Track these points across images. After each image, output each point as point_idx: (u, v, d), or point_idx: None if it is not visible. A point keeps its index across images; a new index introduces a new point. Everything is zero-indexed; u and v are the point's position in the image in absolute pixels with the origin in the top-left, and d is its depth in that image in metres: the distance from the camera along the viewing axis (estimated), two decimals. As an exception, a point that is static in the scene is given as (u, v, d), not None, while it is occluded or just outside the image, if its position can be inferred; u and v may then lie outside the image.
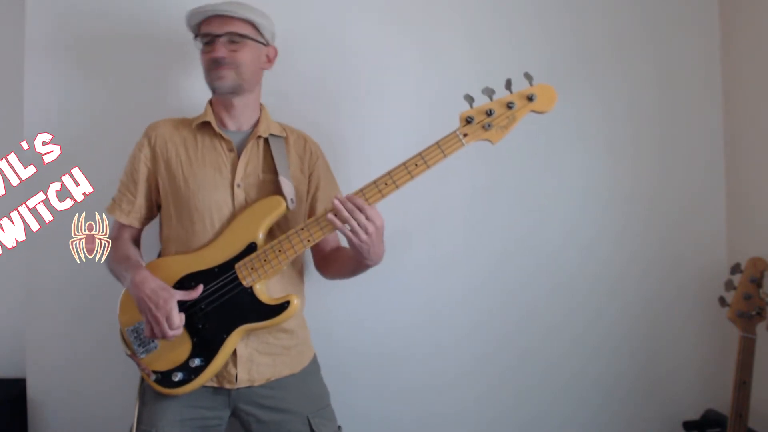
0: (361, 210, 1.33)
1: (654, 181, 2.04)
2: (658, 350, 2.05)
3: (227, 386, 1.47)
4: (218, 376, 1.46)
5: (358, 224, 1.33)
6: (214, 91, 1.50)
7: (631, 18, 2.03)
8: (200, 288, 1.42)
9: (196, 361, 1.42)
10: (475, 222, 1.99)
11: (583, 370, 2.02)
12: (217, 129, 1.50)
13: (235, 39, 1.46)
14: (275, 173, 1.49)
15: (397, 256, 1.45)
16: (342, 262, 1.53)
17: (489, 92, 1.38)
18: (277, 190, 1.47)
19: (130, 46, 1.87)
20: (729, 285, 1.79)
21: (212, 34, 1.46)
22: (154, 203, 1.56)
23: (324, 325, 1.72)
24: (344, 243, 1.50)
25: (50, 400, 1.88)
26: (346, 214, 1.33)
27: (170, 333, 1.37)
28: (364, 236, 1.33)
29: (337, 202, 1.34)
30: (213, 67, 1.46)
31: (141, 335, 1.46)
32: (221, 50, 1.44)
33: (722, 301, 1.79)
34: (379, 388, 1.96)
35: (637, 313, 2.04)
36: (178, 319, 1.37)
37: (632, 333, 2.04)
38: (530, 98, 1.37)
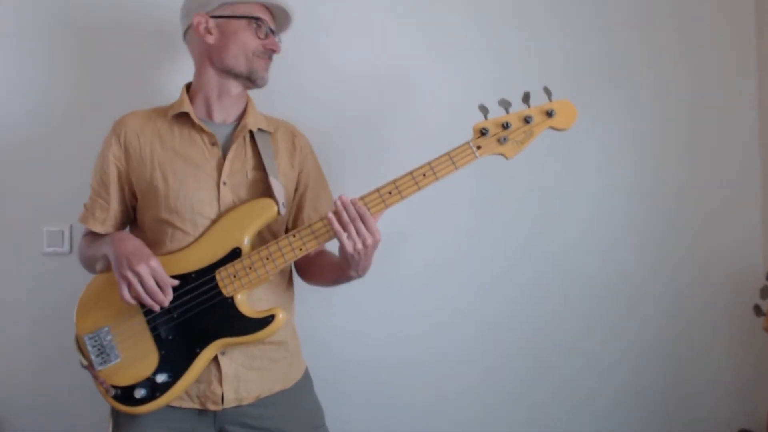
0: (363, 219, 1.26)
1: (682, 179, 1.90)
2: (686, 365, 1.94)
3: (212, 408, 1.34)
4: (200, 396, 1.34)
5: (357, 233, 1.25)
6: (253, 81, 1.41)
7: (658, 5, 1.91)
8: (176, 281, 1.29)
9: (163, 377, 1.29)
10: (484, 224, 1.87)
11: (602, 387, 1.92)
12: (197, 121, 1.37)
13: (278, 40, 1.45)
14: (264, 172, 1.38)
15: (398, 261, 1.39)
16: (324, 268, 1.44)
17: (505, 104, 1.32)
18: (267, 191, 1.36)
19: (107, 34, 1.76)
20: (765, 292, 1.66)
21: (270, 28, 1.42)
22: (129, 206, 1.43)
23: (316, 335, 1.64)
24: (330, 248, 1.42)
25: (12, 415, 1.75)
26: (346, 218, 1.26)
27: (149, 300, 1.24)
28: (359, 246, 1.26)
29: (339, 203, 1.26)
30: (264, 56, 1.41)
31: (101, 343, 1.32)
32: (279, 46, 1.43)
33: (757, 309, 1.66)
34: (377, 406, 1.85)
35: (663, 324, 1.93)
36: (167, 276, 1.26)
37: (657, 346, 1.92)
38: (549, 114, 1.32)
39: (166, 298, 1.26)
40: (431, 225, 1.81)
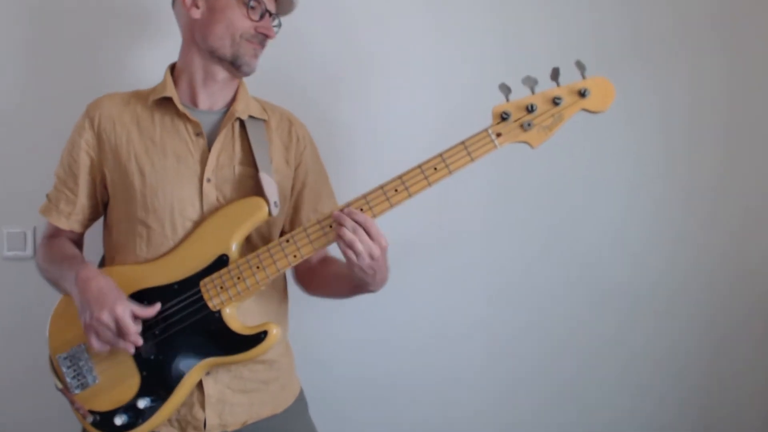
0: (364, 228, 1.11)
1: (718, 174, 1.77)
2: (724, 379, 1.81)
3: None
4: (181, 420, 1.22)
5: (363, 245, 1.11)
6: (238, 68, 1.24)
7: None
8: (157, 306, 1.17)
9: (145, 401, 1.18)
10: (497, 225, 1.73)
11: (631, 405, 1.79)
12: (180, 107, 1.24)
13: (277, 25, 1.30)
14: (254, 167, 1.25)
15: (402, 268, 1.27)
16: (335, 281, 1.30)
17: (531, 82, 1.14)
18: (257, 189, 1.23)
19: (73, 11, 1.62)
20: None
21: (267, 10, 1.25)
22: (99, 201, 1.31)
23: (312, 350, 1.55)
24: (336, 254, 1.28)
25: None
26: (351, 236, 1.10)
27: (124, 343, 1.13)
28: (367, 261, 1.11)
29: (340, 216, 1.12)
30: (254, 39, 1.24)
31: (78, 363, 1.21)
32: (273, 31, 1.27)
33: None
34: (378, 427, 1.75)
35: (698, 334, 1.80)
36: (133, 323, 1.13)
37: (692, 359, 1.80)
38: (582, 94, 1.14)
39: (135, 342, 1.15)
40: (436, 226, 1.68)
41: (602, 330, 1.77)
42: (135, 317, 1.14)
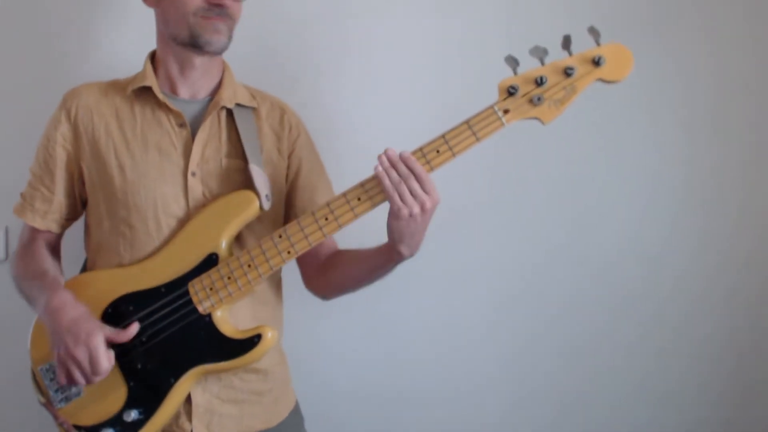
0: (417, 177, 1.04)
1: (745, 170, 1.68)
2: (747, 393, 1.72)
3: None
4: (166, 431, 1.17)
5: (412, 194, 1.04)
6: (200, 48, 1.16)
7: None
8: (134, 327, 1.12)
9: (133, 414, 1.13)
10: (504, 224, 1.66)
11: (648, 419, 1.70)
12: (161, 97, 1.18)
13: None
14: (243, 158, 1.19)
15: (402, 271, 1.18)
16: (357, 260, 1.22)
17: (540, 53, 1.06)
18: (247, 182, 1.17)
19: None
20: None
21: None
22: (77, 199, 1.26)
23: (308, 360, 1.48)
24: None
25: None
26: (395, 176, 1.04)
27: (95, 378, 1.08)
28: (416, 209, 1.04)
29: (385, 159, 1.05)
30: (209, 14, 1.14)
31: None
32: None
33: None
34: None
35: (720, 345, 1.71)
36: (106, 359, 1.07)
37: (714, 374, 1.71)
38: (596, 62, 1.06)
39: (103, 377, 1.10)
40: (440, 227, 1.57)
41: (618, 338, 1.69)
42: (112, 343, 1.09)
